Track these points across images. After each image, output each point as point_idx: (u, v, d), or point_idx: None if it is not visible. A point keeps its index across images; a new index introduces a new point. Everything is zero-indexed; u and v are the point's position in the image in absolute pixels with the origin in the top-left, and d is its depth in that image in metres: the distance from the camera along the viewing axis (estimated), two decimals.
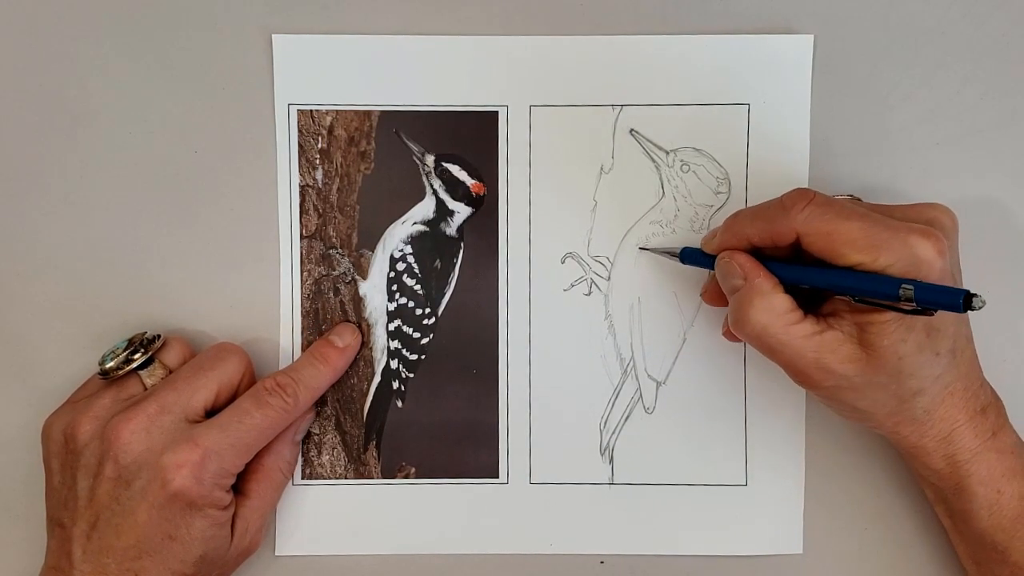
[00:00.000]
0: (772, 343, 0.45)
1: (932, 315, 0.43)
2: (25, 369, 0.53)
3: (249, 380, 0.51)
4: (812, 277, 0.45)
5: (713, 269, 0.48)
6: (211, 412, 0.49)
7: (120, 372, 0.49)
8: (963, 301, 0.40)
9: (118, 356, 0.49)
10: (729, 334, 0.49)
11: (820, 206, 0.44)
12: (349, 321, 0.53)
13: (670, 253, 0.52)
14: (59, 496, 0.48)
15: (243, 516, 0.50)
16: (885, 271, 0.43)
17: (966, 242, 0.51)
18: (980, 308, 0.40)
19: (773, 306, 0.45)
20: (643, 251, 0.53)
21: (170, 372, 0.50)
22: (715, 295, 0.49)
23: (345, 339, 0.52)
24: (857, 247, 0.43)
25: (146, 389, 0.49)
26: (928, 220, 0.45)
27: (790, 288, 0.46)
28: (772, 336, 0.45)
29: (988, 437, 0.47)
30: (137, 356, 0.49)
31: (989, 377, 0.48)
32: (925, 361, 0.44)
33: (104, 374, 0.49)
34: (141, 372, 0.50)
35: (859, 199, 0.50)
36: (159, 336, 0.51)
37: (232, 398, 0.50)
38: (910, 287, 0.41)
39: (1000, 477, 0.47)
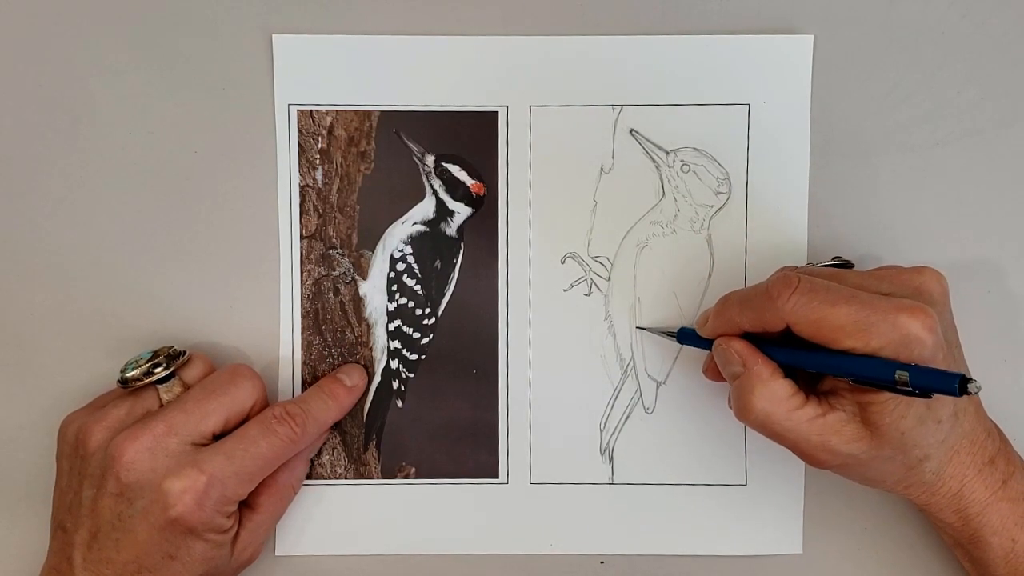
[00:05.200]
0: (776, 429, 0.45)
1: (930, 398, 0.43)
2: (24, 369, 0.53)
3: (261, 406, 0.50)
4: (809, 361, 0.45)
5: (710, 350, 0.48)
6: (220, 434, 0.48)
7: (138, 383, 0.48)
8: (958, 386, 0.40)
9: (140, 367, 0.49)
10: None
11: (805, 294, 0.44)
12: (354, 352, 0.53)
13: (667, 333, 0.52)
14: (65, 498, 0.48)
15: (248, 530, 0.49)
16: (877, 353, 0.42)
17: (966, 243, 0.51)
18: (976, 392, 0.40)
19: (775, 393, 0.45)
20: (642, 254, 0.53)
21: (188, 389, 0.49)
22: (717, 373, 0.49)
23: (353, 379, 0.52)
24: (847, 332, 0.43)
25: (162, 405, 0.49)
26: (916, 288, 0.45)
27: (787, 367, 0.46)
28: (776, 423, 0.45)
29: (999, 487, 0.47)
30: (158, 370, 0.49)
31: (987, 377, 0.48)
32: (927, 431, 0.44)
33: (123, 383, 0.49)
34: (160, 387, 0.49)
35: (848, 262, 0.50)
36: (184, 352, 0.50)
37: (241, 423, 0.49)
38: (905, 372, 0.41)
39: (1013, 526, 0.47)
